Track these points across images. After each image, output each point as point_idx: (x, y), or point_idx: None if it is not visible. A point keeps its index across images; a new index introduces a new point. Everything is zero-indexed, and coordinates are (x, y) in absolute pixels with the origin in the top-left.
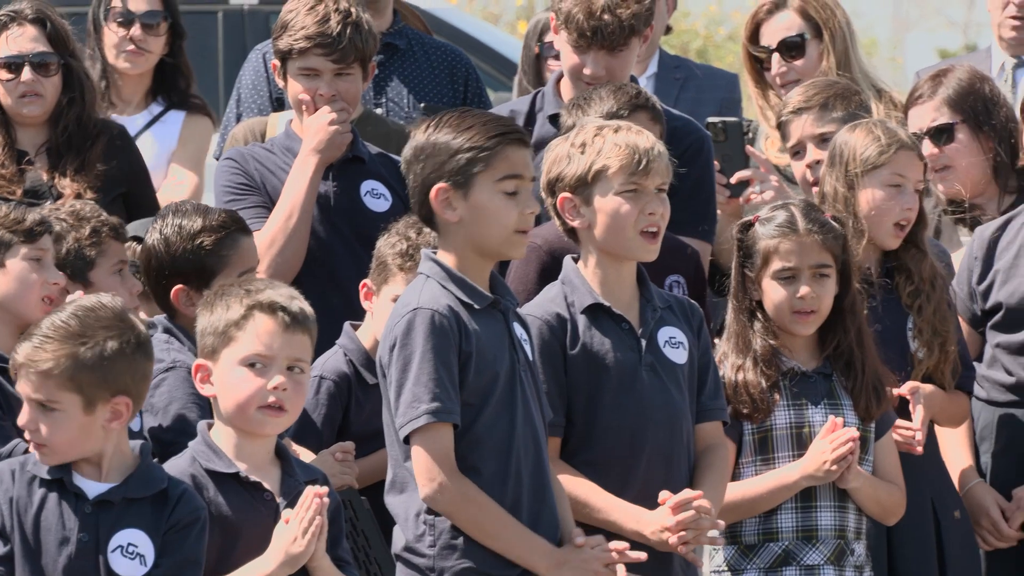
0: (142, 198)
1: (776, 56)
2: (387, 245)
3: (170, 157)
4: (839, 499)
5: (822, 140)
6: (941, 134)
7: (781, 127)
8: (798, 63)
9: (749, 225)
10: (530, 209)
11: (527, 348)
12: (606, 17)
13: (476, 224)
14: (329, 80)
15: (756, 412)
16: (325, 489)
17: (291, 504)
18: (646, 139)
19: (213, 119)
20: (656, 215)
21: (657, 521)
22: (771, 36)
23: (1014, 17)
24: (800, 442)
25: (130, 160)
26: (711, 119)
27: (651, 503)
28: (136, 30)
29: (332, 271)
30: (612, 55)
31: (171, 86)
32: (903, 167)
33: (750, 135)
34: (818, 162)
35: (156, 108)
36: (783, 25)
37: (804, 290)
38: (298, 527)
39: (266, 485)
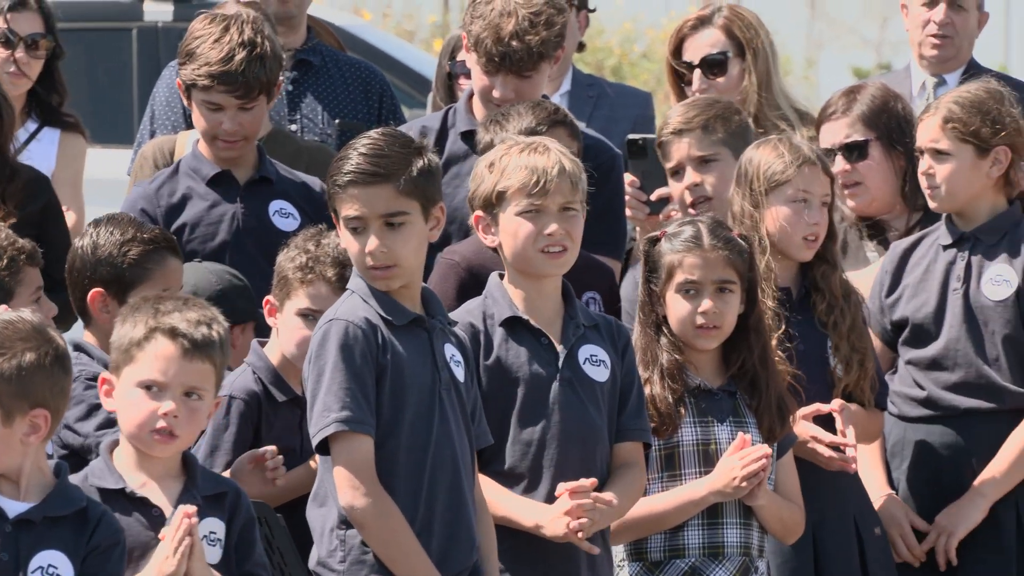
0: (55, 239)
1: (698, 72)
2: (287, 259)
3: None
4: (744, 516)
5: (702, 162)
6: (854, 150)
7: (662, 146)
8: (719, 80)
9: (656, 240)
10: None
11: (456, 369)
12: (515, 43)
13: None
14: (232, 114)
15: (663, 426)
16: (194, 508)
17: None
18: (549, 158)
19: (86, 136)
20: (556, 234)
21: (555, 510)
22: (694, 52)
23: (935, 36)
24: (707, 459)
25: (48, 203)
26: (631, 136)
27: None
28: (20, 52)
29: None
30: (521, 79)
31: (44, 103)
32: (808, 183)
33: None
34: (696, 184)
35: (32, 125)
36: (707, 42)
37: (706, 304)
38: (169, 545)
39: (154, 501)
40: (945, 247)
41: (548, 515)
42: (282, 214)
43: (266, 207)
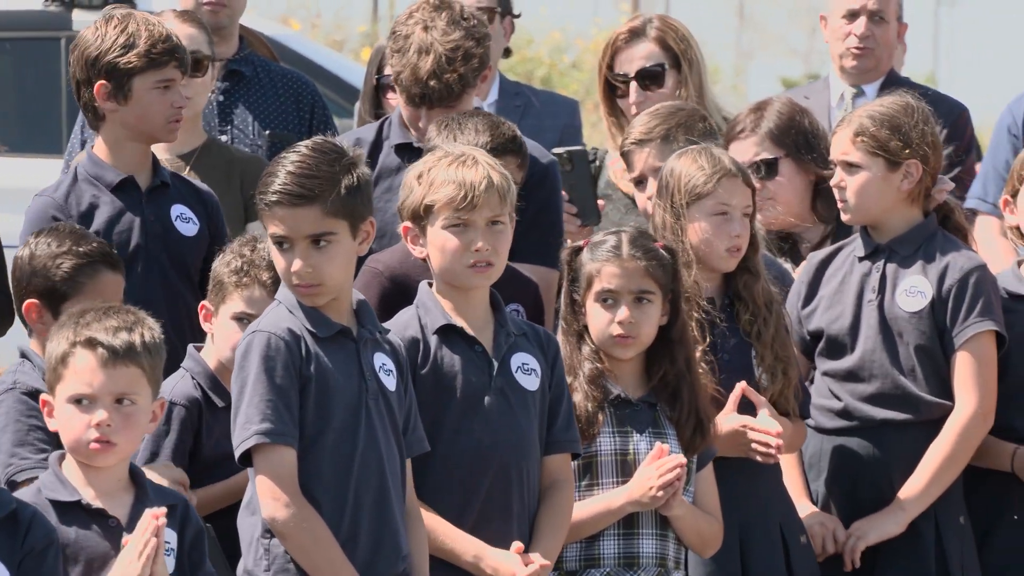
0: None
1: (634, 84)
2: (223, 264)
3: None
4: (661, 527)
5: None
6: (764, 168)
7: (625, 156)
8: (655, 92)
9: (579, 250)
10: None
11: (386, 378)
12: (432, 83)
13: None
14: (181, 89)
15: (583, 435)
16: (163, 510)
17: None
18: (477, 172)
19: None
20: (483, 250)
21: (503, 565)
22: (630, 64)
23: (856, 48)
24: (625, 469)
25: None
26: (557, 150)
27: (491, 526)
28: None
29: (148, 300)
30: (446, 109)
31: None
32: (728, 195)
33: (597, 163)
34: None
35: None
36: (642, 54)
37: (624, 314)
38: (134, 549)
39: (111, 512)
40: (860, 259)
41: (491, 561)
42: (183, 219)
43: (168, 212)
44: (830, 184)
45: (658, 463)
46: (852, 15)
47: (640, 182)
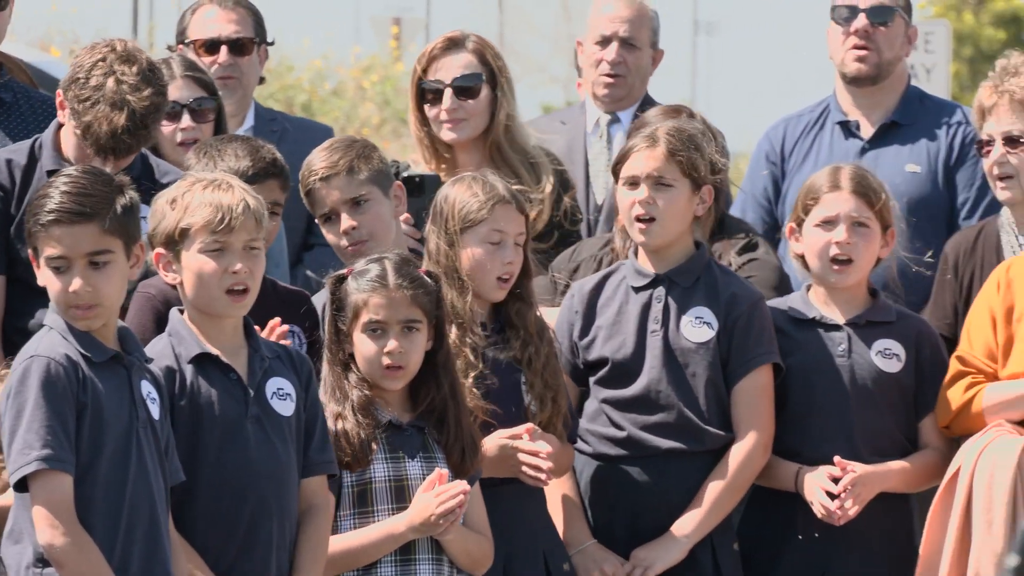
0: None
1: (449, 92)
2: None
3: None
4: (436, 552)
5: (354, 204)
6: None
7: (310, 195)
8: (469, 103)
9: (343, 278)
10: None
11: (152, 406)
12: (125, 138)
13: None
14: None
15: (356, 462)
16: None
17: None
18: (234, 196)
19: None
20: (241, 272)
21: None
22: (446, 72)
23: (608, 75)
24: (399, 495)
25: None
26: (408, 173)
27: (253, 556)
28: None
29: None
30: (126, 158)
31: None
32: (501, 222)
33: (402, 174)
34: (354, 228)
35: None
36: (460, 64)
37: (392, 345)
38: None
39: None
40: (636, 289)
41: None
42: None
43: None
44: (631, 202)
45: (438, 490)
46: (604, 41)
47: (328, 219)
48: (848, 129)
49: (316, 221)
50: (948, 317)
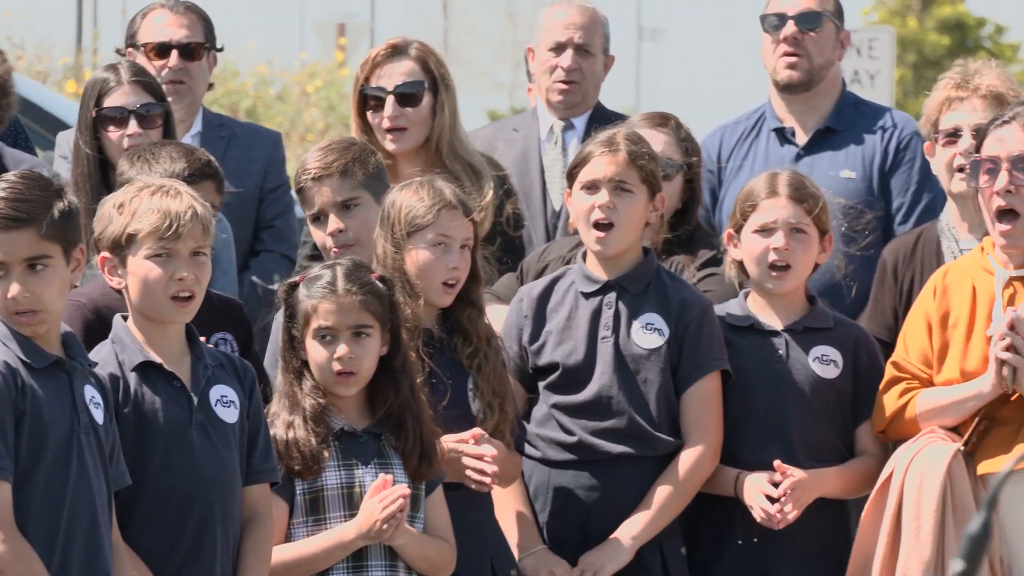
0: None
1: (391, 99)
2: None
3: None
4: (389, 558)
5: (344, 207)
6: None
7: (301, 192)
8: (411, 110)
9: (295, 285)
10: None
11: (96, 411)
12: None
13: None
14: None
15: (307, 470)
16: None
17: None
18: (182, 202)
19: None
20: (188, 280)
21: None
22: (388, 79)
23: (563, 81)
24: (351, 502)
25: None
26: None
27: (198, 563)
28: None
29: None
30: None
31: None
32: (447, 227)
33: None
34: (341, 230)
35: None
36: (402, 71)
37: (343, 350)
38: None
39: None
40: (587, 295)
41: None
42: None
43: None
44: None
45: (380, 495)
46: (559, 48)
47: (317, 219)
48: (783, 136)
49: (306, 220)
50: (888, 323)
